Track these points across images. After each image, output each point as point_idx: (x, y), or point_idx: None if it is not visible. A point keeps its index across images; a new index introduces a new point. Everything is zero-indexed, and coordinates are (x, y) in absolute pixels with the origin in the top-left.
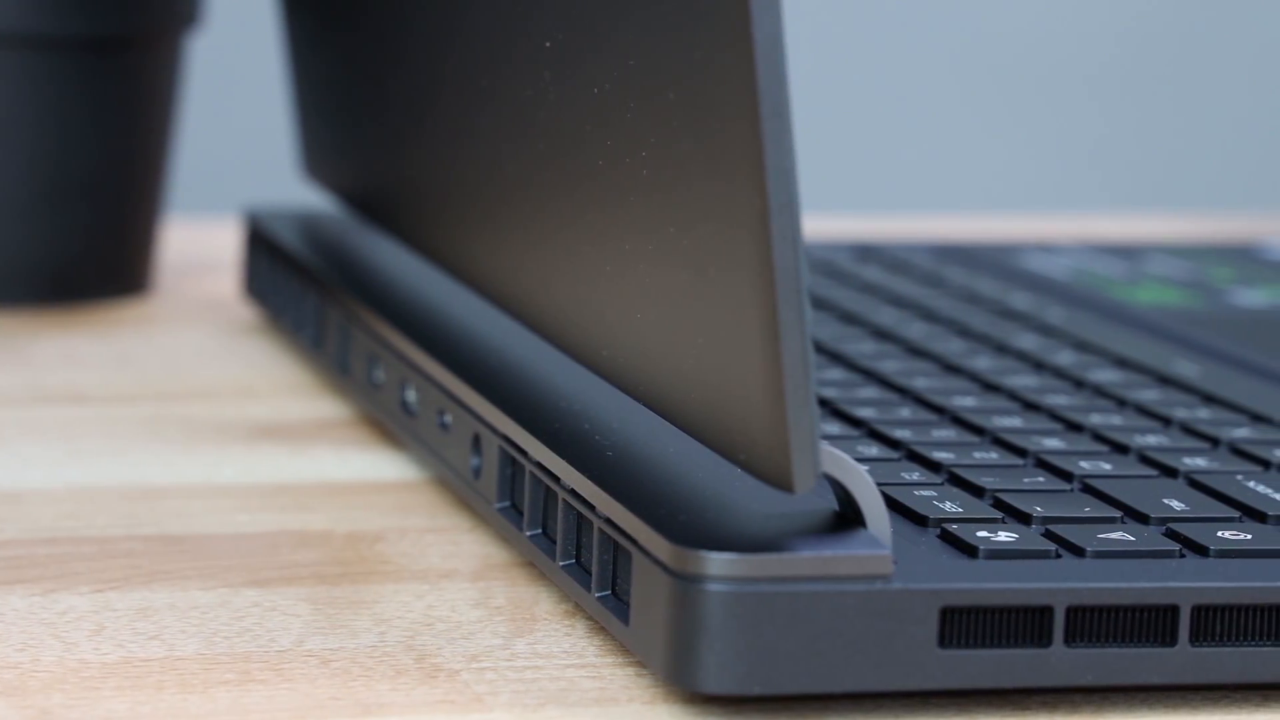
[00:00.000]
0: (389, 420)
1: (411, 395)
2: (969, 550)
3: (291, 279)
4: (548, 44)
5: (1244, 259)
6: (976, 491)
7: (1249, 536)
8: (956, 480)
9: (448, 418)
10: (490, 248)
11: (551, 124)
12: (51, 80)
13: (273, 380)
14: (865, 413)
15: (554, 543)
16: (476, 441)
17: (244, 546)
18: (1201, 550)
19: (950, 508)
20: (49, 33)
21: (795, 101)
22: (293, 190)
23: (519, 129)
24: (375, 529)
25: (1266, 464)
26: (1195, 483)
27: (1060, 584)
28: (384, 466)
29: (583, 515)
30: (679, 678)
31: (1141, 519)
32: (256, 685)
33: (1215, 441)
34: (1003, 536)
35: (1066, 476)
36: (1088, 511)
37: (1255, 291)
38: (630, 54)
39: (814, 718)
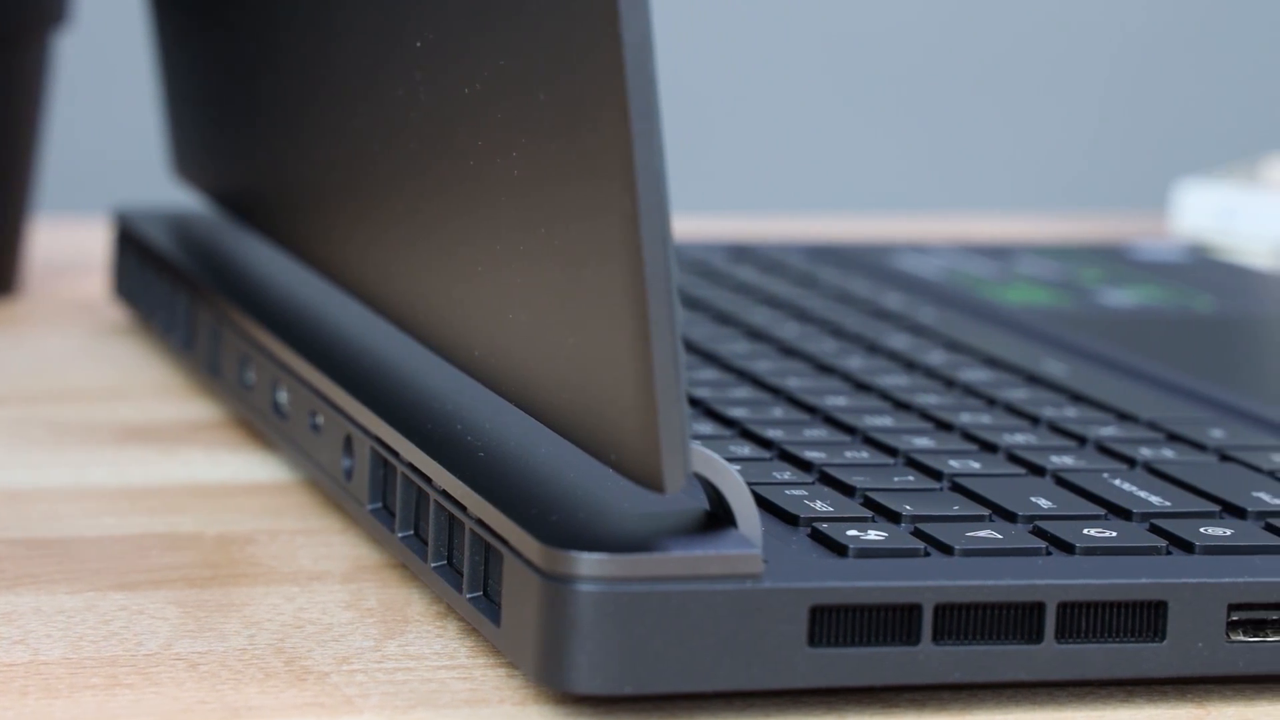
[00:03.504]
0: (260, 422)
1: (283, 397)
2: (839, 549)
3: (162, 280)
4: (418, 43)
5: (1113, 260)
6: (847, 490)
7: (1114, 534)
8: (827, 479)
9: (319, 419)
10: (362, 248)
11: (423, 123)
12: None
13: (142, 382)
14: (737, 413)
15: (425, 544)
16: (348, 443)
17: (112, 549)
18: (1067, 548)
19: (821, 507)
20: None
21: (665, 101)
22: (163, 190)
23: (390, 129)
24: (246, 531)
25: (1132, 462)
26: (1062, 481)
27: (928, 582)
28: (255, 468)
29: (454, 516)
30: (550, 678)
31: (1009, 517)
32: (123, 690)
33: (1082, 440)
34: (872, 535)
35: (936, 475)
36: (956, 510)
37: (1123, 292)
38: (501, 54)
39: (685, 717)
